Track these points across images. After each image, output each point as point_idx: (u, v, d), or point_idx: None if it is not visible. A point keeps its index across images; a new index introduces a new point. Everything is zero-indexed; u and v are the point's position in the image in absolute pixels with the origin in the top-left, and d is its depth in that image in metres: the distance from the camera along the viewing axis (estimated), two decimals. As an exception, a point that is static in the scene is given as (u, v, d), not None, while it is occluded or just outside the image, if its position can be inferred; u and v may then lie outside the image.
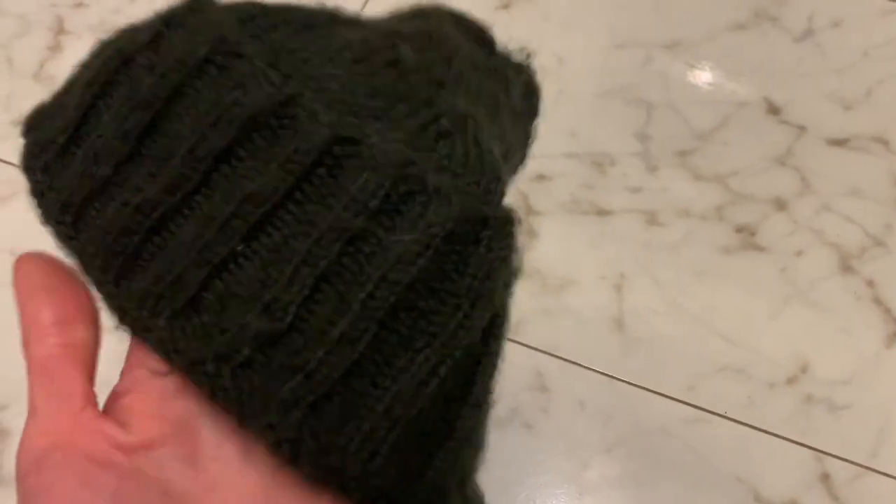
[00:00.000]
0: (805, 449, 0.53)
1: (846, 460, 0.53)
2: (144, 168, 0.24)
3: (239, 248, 0.22)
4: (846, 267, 0.60)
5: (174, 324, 0.22)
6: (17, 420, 0.53)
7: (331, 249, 0.22)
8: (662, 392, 0.55)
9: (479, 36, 0.33)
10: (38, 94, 0.76)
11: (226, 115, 0.23)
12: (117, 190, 0.24)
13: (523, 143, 0.34)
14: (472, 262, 0.23)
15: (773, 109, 0.68)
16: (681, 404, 0.55)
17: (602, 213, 0.63)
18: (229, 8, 0.27)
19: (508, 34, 0.72)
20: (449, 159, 0.25)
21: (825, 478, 0.52)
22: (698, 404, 0.55)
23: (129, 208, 0.23)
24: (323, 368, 0.21)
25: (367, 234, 0.22)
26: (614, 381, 0.56)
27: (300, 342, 0.21)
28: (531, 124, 0.35)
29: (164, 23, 0.25)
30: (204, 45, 0.24)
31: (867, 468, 0.52)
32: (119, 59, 0.25)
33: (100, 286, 0.24)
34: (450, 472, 0.23)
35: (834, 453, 0.53)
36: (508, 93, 0.32)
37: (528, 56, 0.35)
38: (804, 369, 0.56)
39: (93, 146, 0.25)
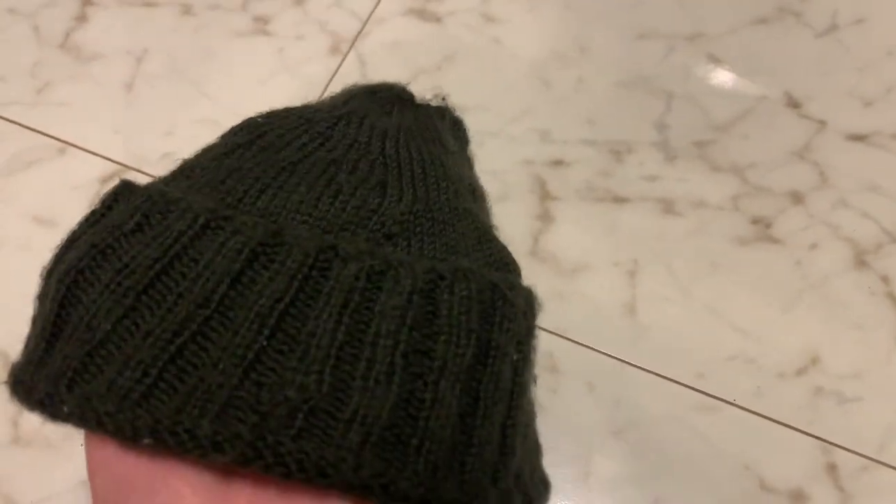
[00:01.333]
0: (813, 439, 0.53)
1: (854, 452, 0.53)
2: (152, 312, 0.27)
3: (264, 344, 0.26)
4: (861, 262, 0.60)
5: (217, 423, 0.25)
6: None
7: (342, 326, 0.27)
8: (672, 378, 0.56)
9: (399, 96, 0.42)
10: (63, 64, 0.77)
11: (230, 252, 0.28)
12: (123, 339, 0.27)
13: (471, 171, 0.42)
14: (444, 303, 0.29)
15: (794, 104, 0.68)
16: (690, 391, 0.55)
17: (618, 200, 0.63)
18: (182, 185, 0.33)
19: (531, 21, 0.72)
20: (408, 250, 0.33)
21: (832, 468, 0.52)
22: (708, 391, 0.55)
23: (142, 348, 0.26)
24: (371, 413, 0.26)
25: (363, 307, 0.28)
26: (624, 365, 0.56)
27: (341, 401, 0.26)
28: (467, 150, 0.44)
29: (144, 214, 0.30)
30: (200, 215, 0.29)
31: (874, 461, 0.52)
32: (96, 251, 0.29)
33: (109, 417, 0.25)
34: (474, 474, 0.28)
35: (841, 445, 0.53)
36: (444, 144, 0.40)
37: (444, 98, 0.44)
38: (815, 362, 0.56)
39: (81, 318, 0.27)
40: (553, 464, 0.56)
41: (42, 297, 0.30)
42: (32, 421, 0.54)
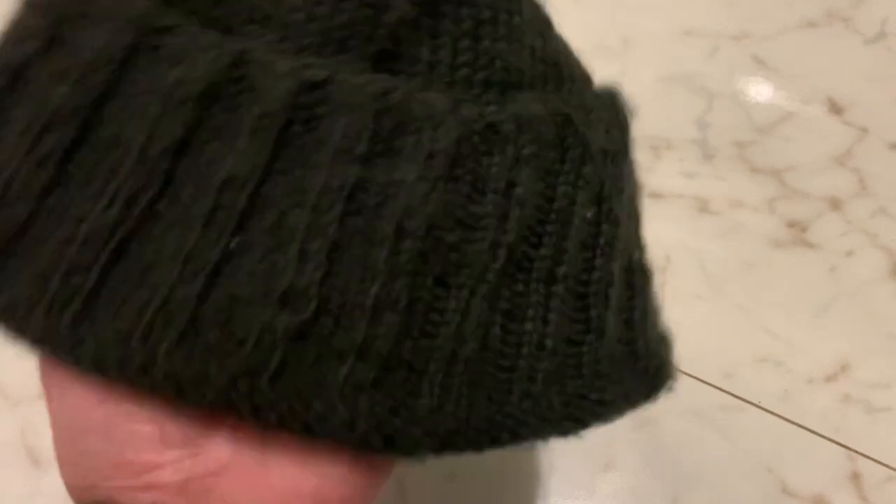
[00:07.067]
0: (838, 447, 0.53)
1: (879, 462, 0.52)
2: (82, 190, 0.20)
3: (231, 244, 0.19)
4: (897, 272, 0.59)
5: (176, 354, 0.19)
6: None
7: (333, 213, 0.19)
8: (698, 376, 0.55)
9: None
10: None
11: (172, 100, 0.19)
12: (50, 226, 0.20)
13: None
14: (490, 175, 0.20)
15: (837, 109, 0.67)
16: (716, 390, 0.55)
17: (654, 195, 0.63)
18: None
19: (575, 11, 0.71)
20: (435, 66, 0.22)
21: (856, 477, 0.52)
22: (734, 392, 0.55)
23: (76, 241, 0.19)
24: (372, 342, 0.19)
25: (366, 185, 0.19)
26: (651, 360, 0.56)
27: (334, 322, 0.19)
28: None
29: (57, 20, 0.21)
30: (126, 30, 0.20)
31: (900, 472, 0.52)
32: (4, 80, 0.21)
33: (46, 338, 0.20)
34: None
35: (867, 454, 0.52)
36: None
37: None
38: (844, 369, 0.56)
39: None
40: (572, 456, 0.56)
41: None
42: (60, 377, 0.54)
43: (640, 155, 0.64)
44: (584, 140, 0.22)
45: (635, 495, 0.52)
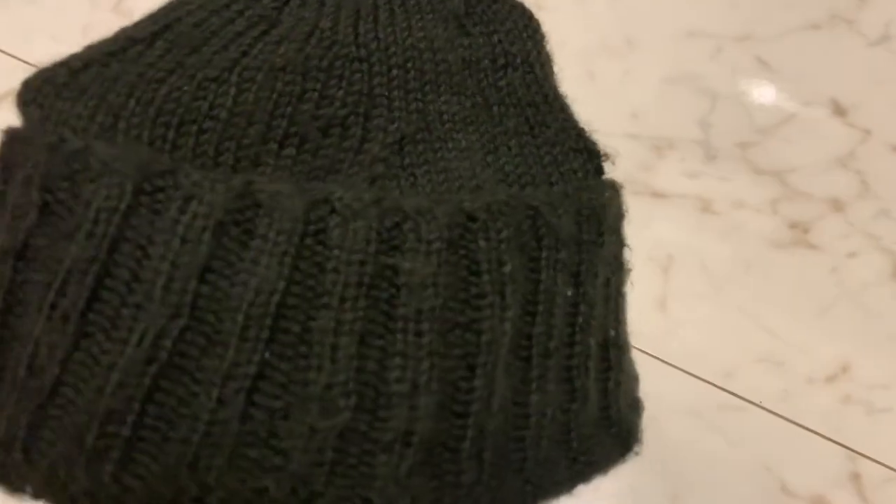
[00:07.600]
0: (838, 447, 0.53)
1: (879, 463, 0.52)
2: (109, 337, 0.20)
3: (266, 355, 0.20)
4: (899, 274, 0.59)
5: (229, 477, 0.20)
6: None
7: (356, 311, 0.20)
8: (699, 375, 0.55)
9: None
10: (115, 27, 0.77)
11: (190, 233, 0.20)
12: (80, 381, 0.20)
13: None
14: (480, 258, 0.21)
15: (840, 111, 0.67)
16: (716, 389, 0.55)
17: (656, 195, 0.63)
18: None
19: (579, 11, 0.71)
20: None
21: (856, 477, 0.52)
22: (734, 391, 0.55)
23: (107, 389, 0.19)
24: (413, 427, 0.20)
25: (381, 279, 0.21)
26: (651, 359, 0.56)
27: (372, 416, 0.20)
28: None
29: (46, 189, 0.21)
30: (128, 179, 0.21)
31: (900, 472, 0.52)
32: (6, 257, 0.21)
33: (91, 492, 0.20)
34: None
35: (867, 454, 0.52)
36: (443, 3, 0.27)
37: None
38: (845, 369, 0.56)
39: (19, 359, 0.21)
40: (573, 454, 0.56)
41: None
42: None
43: (643, 154, 0.65)
44: (554, 229, 0.23)
45: (635, 494, 0.52)
